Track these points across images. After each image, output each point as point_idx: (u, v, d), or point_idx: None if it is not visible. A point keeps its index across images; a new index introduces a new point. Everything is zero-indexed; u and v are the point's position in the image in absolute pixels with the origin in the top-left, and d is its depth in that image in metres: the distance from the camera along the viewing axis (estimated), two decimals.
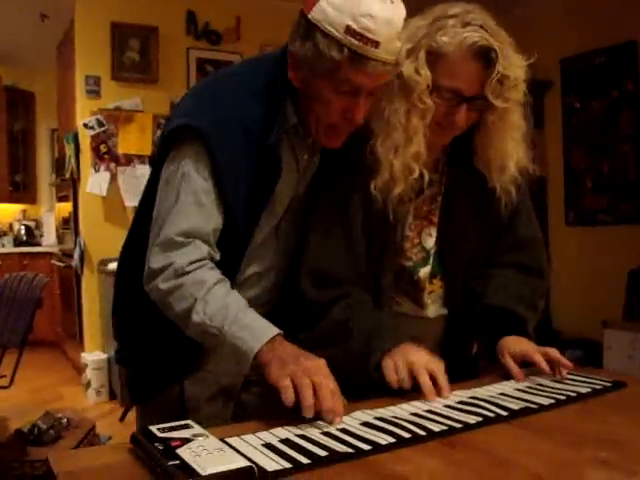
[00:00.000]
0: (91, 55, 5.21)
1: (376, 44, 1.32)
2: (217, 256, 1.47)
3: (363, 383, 1.43)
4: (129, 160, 5.21)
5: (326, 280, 1.56)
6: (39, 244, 7.60)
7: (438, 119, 1.48)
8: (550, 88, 5.64)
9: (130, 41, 5.24)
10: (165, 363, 1.58)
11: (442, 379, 1.36)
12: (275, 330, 1.32)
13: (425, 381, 1.34)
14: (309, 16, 1.36)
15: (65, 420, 3.17)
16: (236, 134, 1.44)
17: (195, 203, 1.42)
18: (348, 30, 1.31)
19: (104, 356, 5.18)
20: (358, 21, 1.31)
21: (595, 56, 5.28)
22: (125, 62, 5.25)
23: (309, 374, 1.22)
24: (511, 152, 1.54)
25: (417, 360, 1.38)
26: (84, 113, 5.19)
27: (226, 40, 5.55)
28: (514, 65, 1.42)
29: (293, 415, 1.18)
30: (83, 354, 5.30)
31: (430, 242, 1.63)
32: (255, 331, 1.32)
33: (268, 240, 1.60)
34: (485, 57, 1.40)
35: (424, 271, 1.63)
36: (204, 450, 0.99)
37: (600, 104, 5.28)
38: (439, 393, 1.34)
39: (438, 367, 1.37)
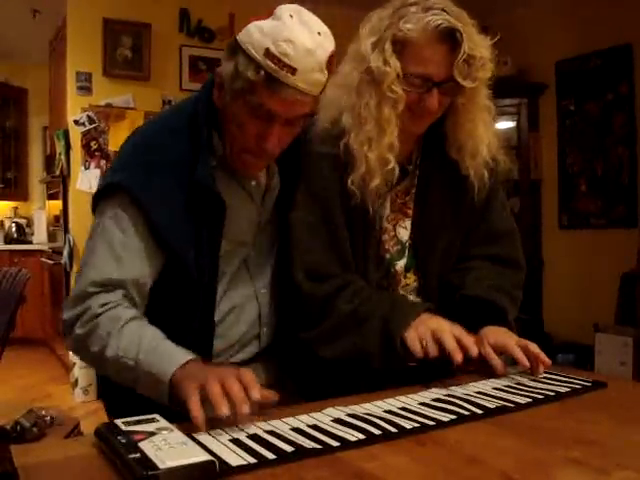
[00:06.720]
0: (83, 51, 5.18)
1: (293, 70, 1.31)
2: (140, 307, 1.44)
3: (386, 366, 1.46)
4: None
5: (320, 274, 1.55)
6: (30, 242, 7.55)
7: (410, 107, 1.47)
8: (545, 91, 5.64)
9: (122, 37, 5.21)
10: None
11: (466, 340, 1.40)
12: (191, 355, 1.26)
13: (450, 342, 1.39)
14: (237, 37, 1.37)
15: (49, 418, 3.13)
16: (162, 177, 1.42)
17: (110, 255, 1.40)
18: (267, 53, 1.31)
19: None
20: (277, 45, 1.30)
21: (590, 59, 5.27)
22: (117, 59, 5.22)
23: (220, 378, 1.15)
24: (482, 135, 1.55)
25: (439, 326, 1.42)
26: (75, 109, 5.16)
27: (219, 38, 5.53)
28: (479, 45, 1.43)
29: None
30: (71, 352, 5.22)
31: (405, 234, 1.63)
32: (171, 356, 1.25)
33: (240, 272, 1.57)
34: (450, 39, 1.41)
35: (400, 264, 1.63)
36: (167, 444, 0.98)
37: (595, 107, 5.27)
38: (466, 352, 1.39)
39: (460, 331, 1.42)
